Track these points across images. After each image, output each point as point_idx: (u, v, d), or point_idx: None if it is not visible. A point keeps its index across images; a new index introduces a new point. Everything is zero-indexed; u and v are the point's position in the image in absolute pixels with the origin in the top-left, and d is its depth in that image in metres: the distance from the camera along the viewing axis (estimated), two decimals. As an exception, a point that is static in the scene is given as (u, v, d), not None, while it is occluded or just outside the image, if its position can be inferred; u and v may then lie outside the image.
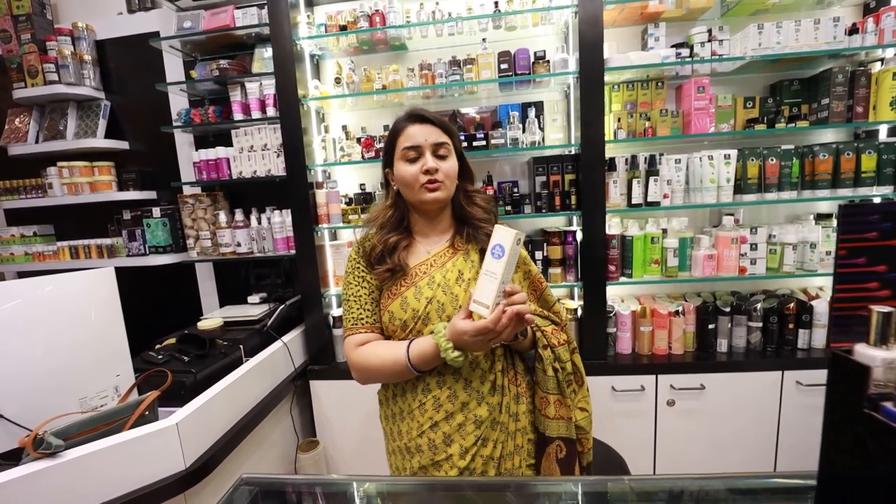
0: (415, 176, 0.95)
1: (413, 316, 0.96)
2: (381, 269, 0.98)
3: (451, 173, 0.97)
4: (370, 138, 1.83)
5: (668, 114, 1.71)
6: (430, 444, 0.96)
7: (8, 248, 2.24)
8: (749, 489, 0.85)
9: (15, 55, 2.06)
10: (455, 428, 0.95)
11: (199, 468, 1.16)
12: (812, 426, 1.63)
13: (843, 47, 1.59)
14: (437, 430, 0.95)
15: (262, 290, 2.09)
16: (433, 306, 0.95)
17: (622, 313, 1.75)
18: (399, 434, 1.01)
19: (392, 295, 0.99)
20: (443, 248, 1.02)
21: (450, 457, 0.95)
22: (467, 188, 1.04)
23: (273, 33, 1.71)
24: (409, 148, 0.95)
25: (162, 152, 2.18)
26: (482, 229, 1.00)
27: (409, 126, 0.96)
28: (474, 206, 1.03)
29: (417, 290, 0.97)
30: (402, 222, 1.03)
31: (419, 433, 0.97)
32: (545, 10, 1.71)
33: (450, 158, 0.98)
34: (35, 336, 1.10)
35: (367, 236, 1.05)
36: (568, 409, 0.97)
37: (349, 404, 1.85)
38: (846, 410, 0.48)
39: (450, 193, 0.99)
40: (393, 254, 0.98)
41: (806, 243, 1.67)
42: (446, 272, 0.98)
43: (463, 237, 1.02)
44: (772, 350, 1.71)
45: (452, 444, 0.95)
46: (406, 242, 1.01)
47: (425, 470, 0.97)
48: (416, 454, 0.98)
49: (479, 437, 0.95)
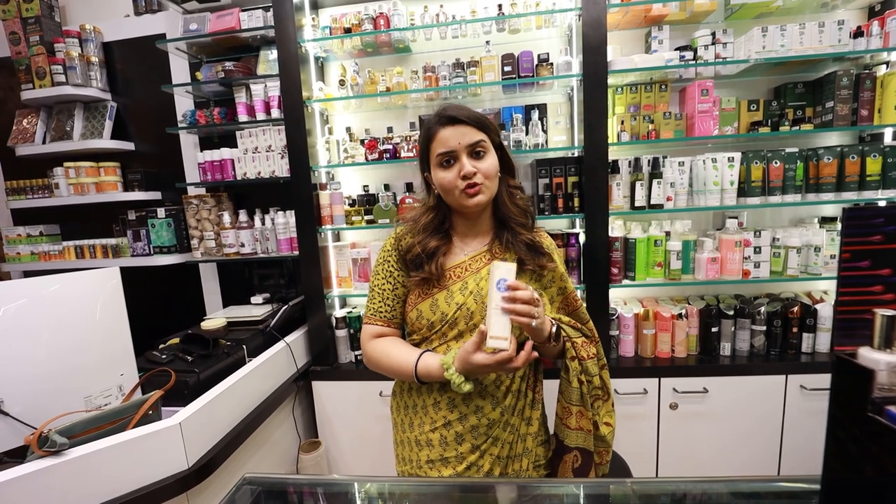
0: (453, 182, 0.91)
1: (441, 319, 0.95)
2: (417, 276, 0.97)
3: (490, 172, 0.93)
4: (374, 140, 1.84)
5: (671, 116, 1.70)
6: (442, 440, 0.96)
7: (14, 247, 2.26)
8: (752, 493, 0.85)
9: (23, 57, 2.08)
10: (468, 429, 0.95)
11: (201, 468, 1.16)
12: (816, 430, 1.62)
13: (847, 50, 1.59)
14: (450, 429, 0.96)
15: (266, 290, 2.10)
16: (462, 312, 0.94)
17: (625, 316, 1.75)
18: (411, 426, 1.01)
19: (424, 294, 0.98)
20: (480, 251, 1.00)
21: (460, 454, 0.95)
22: (509, 182, 1.01)
23: (278, 36, 1.72)
24: (443, 154, 0.92)
25: (167, 153, 2.19)
26: (521, 236, 0.97)
27: (441, 130, 0.92)
28: (515, 204, 0.99)
29: (449, 294, 0.96)
30: (443, 225, 1.00)
31: (432, 429, 0.97)
32: (549, 13, 1.71)
33: (488, 156, 0.93)
34: (40, 335, 1.11)
35: (405, 232, 1.02)
36: (589, 421, 0.96)
37: (351, 405, 1.85)
38: (850, 414, 0.48)
39: (492, 194, 0.96)
40: (431, 260, 0.96)
41: (810, 247, 1.66)
42: (480, 279, 0.96)
43: (502, 244, 0.99)
44: (775, 354, 1.70)
45: (464, 443, 0.95)
46: (445, 248, 0.99)
47: (432, 464, 0.97)
48: (426, 447, 0.98)
49: (489, 437, 0.95)
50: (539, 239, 1.00)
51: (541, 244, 0.99)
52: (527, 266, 0.97)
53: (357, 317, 1.91)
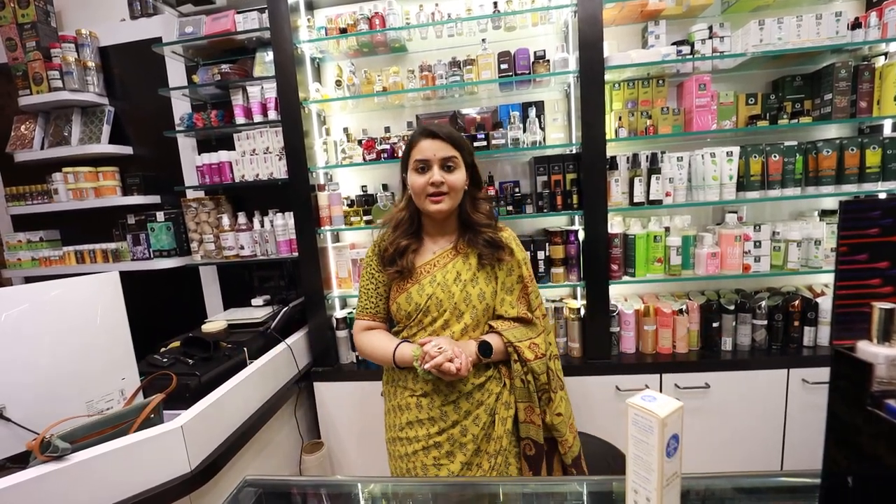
0: (422, 187, 1.07)
1: (416, 308, 1.11)
2: (392, 270, 1.13)
3: (456, 185, 1.07)
4: (371, 140, 1.84)
5: (669, 111, 1.70)
6: (418, 405, 1.11)
7: (15, 253, 2.26)
8: (755, 488, 0.85)
9: (20, 63, 2.08)
10: (441, 400, 1.09)
11: (204, 470, 1.17)
12: (819, 424, 1.59)
13: (845, 42, 1.58)
14: (427, 397, 1.10)
15: (266, 292, 2.10)
16: (433, 301, 1.11)
17: (625, 312, 1.75)
18: (394, 394, 1.17)
19: (400, 289, 1.15)
20: (447, 249, 1.15)
21: (431, 418, 1.09)
22: (476, 195, 1.15)
23: (274, 37, 1.72)
24: (419, 160, 1.07)
25: (165, 157, 2.19)
26: (482, 234, 1.12)
27: (422, 140, 1.07)
28: (478, 213, 1.14)
29: (420, 287, 1.12)
30: (413, 223, 1.15)
31: (411, 395, 1.12)
32: (544, 10, 1.71)
33: (457, 171, 1.08)
34: (42, 340, 1.11)
35: (382, 236, 1.19)
36: (538, 416, 1.10)
37: (353, 406, 1.85)
38: (849, 408, 0.48)
39: (454, 203, 1.10)
40: (402, 256, 1.12)
41: (810, 240, 1.66)
42: (446, 273, 1.12)
43: (465, 242, 1.14)
44: (777, 348, 1.69)
45: (434, 408, 1.09)
46: (415, 245, 1.15)
47: (411, 425, 1.12)
48: (406, 411, 1.13)
49: (462, 409, 1.08)
50: (499, 234, 1.14)
51: (500, 238, 1.13)
52: (484, 261, 1.12)
53: (357, 317, 1.91)
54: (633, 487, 0.63)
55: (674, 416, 0.58)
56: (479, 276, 1.12)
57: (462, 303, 1.10)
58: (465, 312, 1.11)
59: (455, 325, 1.11)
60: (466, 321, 1.11)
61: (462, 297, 1.10)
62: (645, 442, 0.59)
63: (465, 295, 1.11)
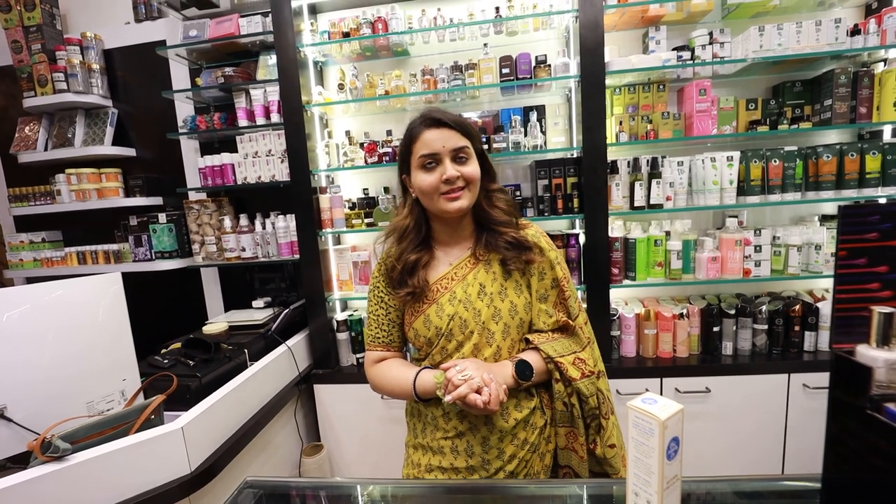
0: (434, 185, 0.89)
1: (437, 333, 0.94)
2: (403, 292, 0.95)
3: (473, 178, 0.91)
4: (373, 143, 1.85)
5: (669, 116, 1.71)
6: (453, 449, 0.94)
7: (17, 253, 2.27)
8: (756, 492, 0.85)
9: (25, 65, 2.10)
10: (479, 441, 0.92)
11: (204, 472, 1.17)
12: (819, 428, 1.59)
13: (845, 48, 1.59)
14: (463, 439, 0.94)
15: (267, 294, 2.11)
16: (455, 322, 0.92)
17: (626, 316, 1.75)
18: (423, 432, 0.99)
19: (415, 312, 0.96)
20: (464, 258, 0.97)
21: (470, 467, 0.93)
22: (489, 187, 0.98)
23: (277, 41, 1.73)
24: (426, 156, 0.89)
25: (168, 159, 2.20)
26: (502, 235, 0.94)
27: (426, 131, 0.89)
28: (496, 208, 0.96)
29: (439, 308, 0.94)
30: (421, 231, 0.97)
31: (444, 437, 0.95)
32: (546, 15, 1.72)
33: (471, 162, 0.91)
34: (43, 341, 1.11)
35: (387, 252, 1.00)
36: (580, 443, 0.93)
37: (353, 408, 1.85)
38: (849, 412, 0.48)
39: (473, 199, 0.93)
40: (413, 274, 0.94)
41: (811, 245, 1.66)
42: (467, 286, 0.94)
43: (483, 245, 0.96)
44: (778, 352, 1.69)
45: (474, 455, 0.93)
46: (426, 258, 0.97)
47: (443, 471, 0.95)
48: (438, 454, 0.96)
49: (499, 450, 0.92)
50: (523, 233, 0.96)
51: (525, 238, 0.95)
52: (510, 266, 0.94)
53: (358, 319, 1.91)
54: (633, 490, 0.63)
55: (674, 418, 0.59)
56: (507, 287, 0.94)
57: (491, 321, 0.92)
58: (496, 332, 0.93)
59: (486, 349, 0.93)
60: (498, 342, 0.93)
61: (490, 315, 0.92)
62: (645, 444, 0.60)
63: (493, 311, 0.93)
